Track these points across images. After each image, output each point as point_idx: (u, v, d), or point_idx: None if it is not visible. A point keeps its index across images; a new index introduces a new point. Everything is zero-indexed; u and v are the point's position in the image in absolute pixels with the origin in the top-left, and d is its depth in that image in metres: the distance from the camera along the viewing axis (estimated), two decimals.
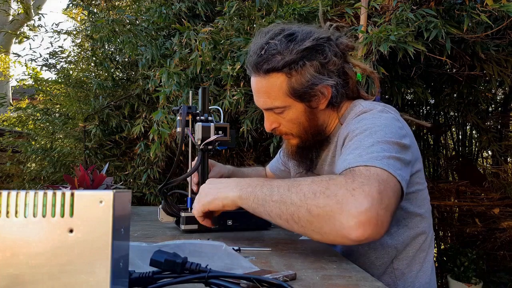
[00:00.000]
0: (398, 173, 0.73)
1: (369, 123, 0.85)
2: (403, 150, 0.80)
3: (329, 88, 0.94)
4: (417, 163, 0.91)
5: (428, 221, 0.97)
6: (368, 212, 0.63)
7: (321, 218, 0.66)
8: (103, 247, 0.39)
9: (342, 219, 0.64)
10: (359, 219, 0.63)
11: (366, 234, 0.63)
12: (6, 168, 3.09)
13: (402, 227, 0.93)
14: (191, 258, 0.52)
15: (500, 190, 2.57)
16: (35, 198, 0.40)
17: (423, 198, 0.96)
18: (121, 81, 2.80)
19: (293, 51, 0.90)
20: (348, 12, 1.77)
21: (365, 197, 0.64)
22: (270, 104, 0.96)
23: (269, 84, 0.93)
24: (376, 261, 0.93)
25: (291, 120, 0.97)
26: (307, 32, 0.93)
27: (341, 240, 0.66)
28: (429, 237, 0.97)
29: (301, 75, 0.91)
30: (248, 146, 2.23)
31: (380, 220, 0.64)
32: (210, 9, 2.29)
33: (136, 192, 2.39)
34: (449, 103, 2.70)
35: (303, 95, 0.93)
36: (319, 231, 0.68)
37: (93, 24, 2.57)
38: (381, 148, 0.76)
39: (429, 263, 0.97)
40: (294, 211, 0.69)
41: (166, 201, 1.03)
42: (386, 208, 0.66)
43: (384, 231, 0.65)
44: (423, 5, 1.65)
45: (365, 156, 0.74)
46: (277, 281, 0.51)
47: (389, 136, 0.80)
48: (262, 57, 0.92)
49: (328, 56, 0.92)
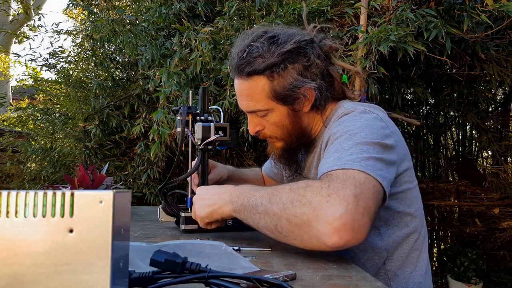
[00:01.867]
0: (379, 174, 0.72)
1: (349, 125, 0.85)
2: (385, 150, 0.80)
3: (312, 91, 0.93)
4: (405, 162, 0.90)
5: (420, 219, 0.95)
6: (343, 217, 0.63)
7: (300, 227, 0.67)
8: (103, 247, 0.39)
9: (318, 227, 0.65)
10: (334, 226, 0.63)
11: (343, 240, 0.63)
12: (6, 168, 3.09)
13: (391, 228, 0.91)
14: (191, 258, 0.52)
15: (500, 190, 2.56)
16: (35, 198, 0.40)
17: (413, 197, 0.94)
18: (121, 81, 2.80)
19: (274, 54, 0.90)
20: (348, 12, 1.77)
21: (339, 203, 0.64)
22: (253, 107, 0.96)
23: (251, 87, 0.93)
24: (366, 263, 0.92)
25: (275, 123, 0.97)
26: (289, 35, 0.93)
27: (320, 247, 0.67)
28: (422, 235, 0.95)
29: (283, 78, 0.91)
30: (248, 146, 2.23)
31: (357, 225, 0.64)
32: (210, 9, 2.29)
33: (136, 192, 2.39)
34: (449, 103, 2.69)
35: (286, 98, 0.93)
36: (300, 240, 0.69)
37: (93, 24, 2.57)
38: (360, 149, 0.76)
39: (423, 262, 0.95)
40: (276, 221, 0.71)
41: (166, 201, 1.03)
42: (364, 212, 0.65)
43: (363, 235, 0.65)
44: (423, 5, 1.65)
45: (343, 159, 0.74)
46: (277, 281, 0.51)
47: (370, 137, 0.80)
48: (244, 60, 0.92)
49: (311, 59, 0.92)
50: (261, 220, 0.74)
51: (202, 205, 0.87)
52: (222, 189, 0.87)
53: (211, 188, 0.90)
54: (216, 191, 0.88)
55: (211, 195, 0.87)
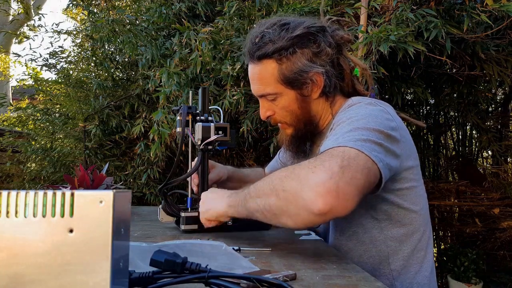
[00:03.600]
0: (374, 155, 0.73)
1: (353, 113, 0.87)
2: (387, 139, 0.81)
3: (320, 76, 0.95)
4: (411, 159, 0.91)
5: (425, 219, 0.96)
6: (326, 183, 0.65)
7: (288, 200, 0.69)
8: (103, 247, 0.39)
9: (304, 195, 0.67)
10: (317, 190, 0.65)
11: (327, 205, 0.64)
12: (6, 168, 3.09)
13: (394, 223, 0.92)
14: (191, 258, 0.52)
15: (500, 190, 2.56)
16: (35, 198, 0.40)
17: (419, 195, 0.95)
18: (121, 81, 2.80)
19: (284, 38, 0.93)
20: (348, 12, 1.77)
21: (324, 171, 0.66)
22: (263, 90, 0.98)
23: (262, 70, 0.96)
24: (364, 254, 0.93)
25: (284, 107, 0.99)
26: (300, 22, 0.96)
27: (308, 217, 0.68)
28: (426, 235, 0.95)
29: (291, 61, 0.93)
30: (248, 146, 2.23)
31: (341, 191, 0.65)
32: (210, 9, 2.29)
33: (136, 192, 2.39)
34: (449, 103, 2.69)
35: (294, 82, 0.95)
36: (289, 215, 0.70)
37: (93, 24, 2.57)
38: (359, 133, 0.77)
39: (428, 264, 0.95)
40: (266, 200, 0.73)
41: (166, 201, 1.03)
42: (349, 181, 0.66)
43: (351, 204, 0.66)
44: (423, 5, 1.65)
45: (339, 140, 0.76)
46: (277, 281, 0.51)
47: (371, 124, 0.81)
48: (257, 45, 0.95)
49: (321, 46, 0.94)
50: (253, 204, 0.76)
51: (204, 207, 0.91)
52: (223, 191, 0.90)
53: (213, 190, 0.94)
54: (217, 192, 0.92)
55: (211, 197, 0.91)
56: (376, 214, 0.92)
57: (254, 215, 0.77)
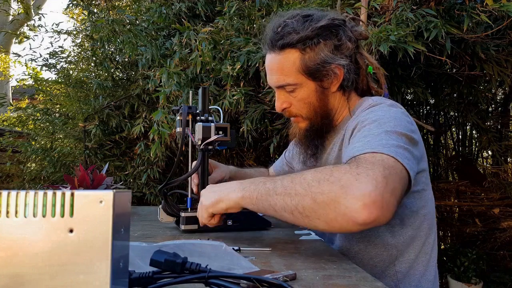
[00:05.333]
0: (406, 162, 0.73)
1: (379, 114, 0.85)
2: (412, 144, 0.81)
3: (341, 69, 0.94)
4: (423, 162, 0.91)
5: (431, 222, 0.95)
6: (372, 194, 0.63)
7: (326, 205, 0.66)
8: (103, 247, 0.39)
9: (347, 203, 0.64)
10: (364, 201, 0.63)
11: (372, 216, 0.63)
12: (6, 168, 3.09)
13: (406, 227, 0.92)
14: (191, 258, 0.52)
15: (500, 190, 2.56)
16: (35, 198, 0.40)
17: (428, 199, 0.95)
18: (121, 81, 2.80)
19: (308, 28, 0.92)
20: (348, 12, 1.77)
21: (369, 181, 0.64)
22: (283, 81, 0.96)
23: (283, 59, 0.94)
24: (375, 257, 0.92)
25: (302, 99, 0.97)
26: (323, 14, 0.96)
27: (347, 225, 0.66)
28: (432, 239, 0.95)
29: (314, 52, 0.93)
30: (248, 146, 2.23)
31: (385, 202, 0.64)
32: (210, 9, 2.29)
33: (136, 192, 2.39)
34: (449, 103, 2.69)
35: (316, 73, 0.94)
36: (324, 219, 0.67)
37: (93, 24, 2.57)
38: (390, 137, 0.77)
39: (433, 268, 0.95)
40: (298, 201, 0.69)
41: (166, 201, 1.03)
42: (392, 192, 0.66)
43: (391, 214, 0.65)
44: (423, 5, 1.65)
45: (373, 143, 0.75)
46: (277, 281, 0.51)
47: (398, 128, 0.80)
48: (279, 34, 0.94)
49: (342, 39, 0.94)
50: (279, 201, 0.72)
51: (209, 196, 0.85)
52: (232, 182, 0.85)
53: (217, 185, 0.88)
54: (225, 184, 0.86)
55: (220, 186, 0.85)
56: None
57: (278, 213, 0.73)
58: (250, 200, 0.77)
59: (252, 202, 0.76)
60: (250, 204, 0.77)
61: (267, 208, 0.74)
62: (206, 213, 0.84)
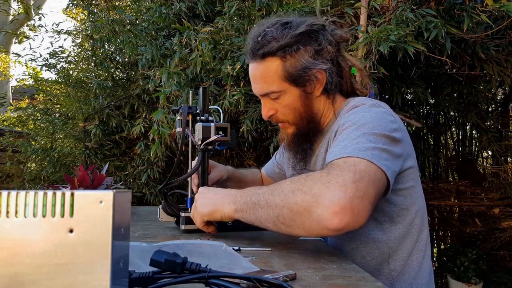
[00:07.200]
0: (383, 163, 0.74)
1: (359, 116, 0.87)
2: (392, 143, 0.82)
3: (323, 73, 0.95)
4: (410, 159, 0.91)
5: (423, 219, 0.96)
6: (342, 201, 0.66)
7: (301, 214, 0.70)
8: (103, 247, 0.39)
9: (318, 211, 0.67)
10: (333, 209, 0.66)
11: (343, 222, 0.66)
12: (6, 168, 3.09)
13: (395, 224, 0.92)
14: (191, 258, 0.52)
15: (500, 190, 2.56)
16: (35, 198, 0.40)
17: (418, 196, 0.95)
18: (121, 81, 2.80)
19: (288, 36, 0.93)
20: (348, 12, 1.77)
21: (338, 188, 0.67)
22: (266, 89, 0.98)
23: (265, 68, 0.96)
24: (367, 256, 0.93)
25: (287, 105, 0.99)
26: (301, 20, 0.97)
27: (322, 232, 0.70)
28: (424, 236, 0.96)
29: (295, 59, 0.94)
30: (248, 146, 2.23)
31: (355, 208, 0.66)
32: (210, 9, 2.29)
33: (136, 192, 2.39)
34: (449, 103, 2.70)
35: (298, 79, 0.95)
36: (303, 227, 0.71)
37: (93, 24, 2.57)
38: (367, 139, 0.78)
39: (427, 264, 0.96)
40: (278, 212, 0.73)
41: (166, 201, 1.03)
42: (363, 196, 0.68)
43: (364, 218, 0.68)
44: (423, 5, 1.65)
45: (348, 148, 0.76)
46: (277, 281, 0.51)
47: (377, 129, 0.81)
48: (259, 43, 0.95)
49: (323, 44, 0.95)
50: (263, 214, 0.76)
51: (204, 203, 0.88)
52: (225, 191, 0.88)
53: (213, 189, 0.92)
54: (218, 191, 0.89)
55: (214, 194, 0.89)
56: (378, 216, 0.92)
57: (264, 224, 0.77)
58: (241, 214, 0.81)
59: (243, 216, 0.81)
60: (241, 217, 0.81)
61: (254, 220, 0.78)
62: (202, 221, 0.89)
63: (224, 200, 0.85)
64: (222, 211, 0.84)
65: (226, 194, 0.86)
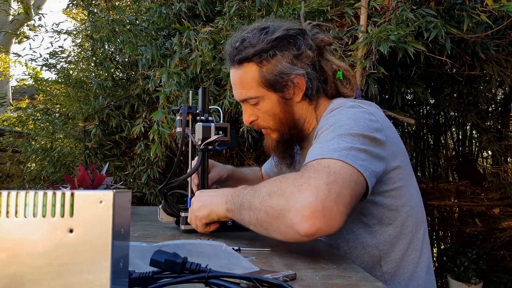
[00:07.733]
0: (360, 164, 0.72)
1: (336, 118, 0.86)
2: (371, 143, 0.80)
3: (301, 78, 0.94)
4: (398, 158, 0.89)
5: (417, 218, 0.93)
6: (312, 205, 0.64)
7: (276, 218, 0.68)
8: (103, 247, 0.39)
9: (290, 215, 0.66)
10: (304, 214, 0.64)
11: (314, 227, 0.63)
12: (6, 168, 3.09)
13: (385, 226, 0.90)
14: (191, 258, 0.52)
15: (500, 190, 2.56)
16: (35, 198, 0.40)
17: (409, 195, 0.92)
18: (121, 81, 2.80)
19: (264, 41, 0.93)
20: (348, 12, 1.77)
21: (310, 191, 0.65)
22: (244, 94, 0.98)
23: (243, 74, 0.96)
24: (356, 260, 0.92)
25: (267, 111, 0.98)
26: (279, 25, 0.96)
27: (295, 237, 0.67)
28: (420, 235, 0.93)
29: (271, 64, 0.93)
30: (248, 146, 2.23)
31: (328, 212, 0.64)
32: (210, 9, 2.29)
33: (136, 192, 2.39)
34: (449, 103, 2.69)
35: (275, 85, 0.95)
36: (278, 231, 0.70)
37: (93, 24, 2.57)
38: (342, 140, 0.77)
39: (425, 263, 0.94)
40: (257, 215, 0.72)
41: (166, 201, 1.03)
42: (336, 199, 0.65)
43: (338, 222, 0.65)
44: (423, 5, 1.65)
45: (324, 149, 0.75)
46: (277, 281, 0.51)
47: (354, 129, 0.80)
48: (237, 49, 0.96)
49: (302, 49, 0.94)
50: (246, 215, 0.75)
51: (200, 206, 0.88)
52: (219, 191, 0.89)
53: (208, 190, 0.93)
54: (213, 193, 0.89)
55: (208, 196, 0.89)
56: (366, 219, 0.90)
57: (248, 226, 0.77)
58: (231, 214, 0.81)
59: (233, 216, 0.81)
60: (232, 217, 0.82)
61: (241, 221, 0.78)
62: (201, 224, 0.89)
63: (218, 200, 0.85)
64: (217, 211, 0.84)
65: (220, 194, 0.86)
